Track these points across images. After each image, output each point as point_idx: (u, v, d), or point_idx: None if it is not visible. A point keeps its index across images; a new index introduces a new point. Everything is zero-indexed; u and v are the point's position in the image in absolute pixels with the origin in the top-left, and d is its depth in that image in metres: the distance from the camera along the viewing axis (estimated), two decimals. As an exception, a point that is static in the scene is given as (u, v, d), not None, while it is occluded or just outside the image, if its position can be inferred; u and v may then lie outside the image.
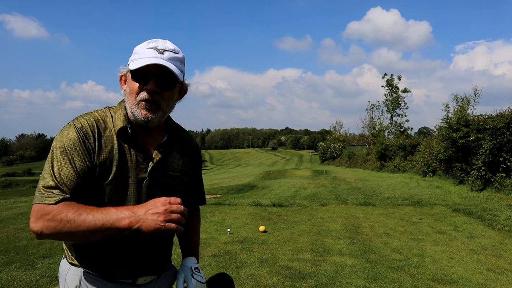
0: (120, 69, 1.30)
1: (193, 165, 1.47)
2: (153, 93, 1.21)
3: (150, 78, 1.20)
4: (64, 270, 1.32)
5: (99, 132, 1.23)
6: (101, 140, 1.22)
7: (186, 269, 1.39)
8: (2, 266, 4.26)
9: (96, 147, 1.21)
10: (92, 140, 1.21)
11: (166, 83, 1.22)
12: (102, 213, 1.09)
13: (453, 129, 13.89)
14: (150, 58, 1.18)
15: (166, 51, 1.21)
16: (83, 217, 1.08)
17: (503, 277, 4.18)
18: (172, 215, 1.06)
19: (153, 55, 1.19)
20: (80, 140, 1.19)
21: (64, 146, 1.18)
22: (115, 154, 1.23)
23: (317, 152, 65.49)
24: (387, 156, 26.11)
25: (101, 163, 1.20)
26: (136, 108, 1.22)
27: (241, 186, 17.38)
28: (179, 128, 1.44)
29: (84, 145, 1.19)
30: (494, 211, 7.98)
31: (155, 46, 1.21)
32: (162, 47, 1.21)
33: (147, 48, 1.21)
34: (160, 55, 1.20)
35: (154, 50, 1.20)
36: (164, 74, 1.21)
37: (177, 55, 1.24)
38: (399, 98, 41.44)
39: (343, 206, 9.16)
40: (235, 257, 4.80)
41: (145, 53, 1.20)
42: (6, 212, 7.66)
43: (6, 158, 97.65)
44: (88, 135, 1.21)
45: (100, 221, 1.07)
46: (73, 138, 1.19)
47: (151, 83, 1.20)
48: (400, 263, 4.60)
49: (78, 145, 1.18)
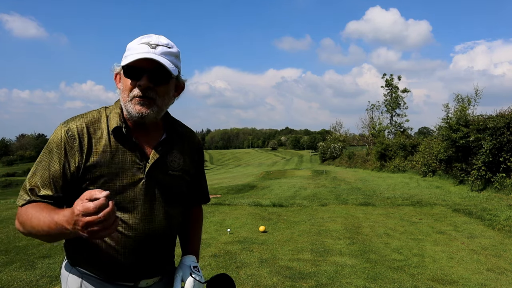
0: (114, 67, 1.28)
1: (195, 163, 1.43)
2: (146, 89, 1.18)
3: (142, 74, 1.17)
4: (65, 273, 1.31)
5: (88, 134, 1.21)
6: (90, 142, 1.21)
7: (185, 267, 1.35)
8: (2, 266, 4.26)
9: (83, 150, 1.19)
10: (77, 143, 1.19)
11: (159, 78, 1.19)
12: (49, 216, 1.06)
13: (453, 129, 13.89)
14: (141, 53, 1.16)
15: (159, 45, 1.18)
16: (33, 220, 1.10)
17: (503, 277, 4.18)
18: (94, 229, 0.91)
19: (145, 50, 1.16)
20: (63, 143, 1.19)
21: (48, 149, 1.20)
22: (107, 155, 1.21)
23: (317, 152, 65.50)
24: (387, 156, 26.10)
25: (89, 165, 1.19)
26: (130, 104, 1.20)
27: (241, 186, 17.38)
28: (178, 124, 1.41)
29: (67, 148, 1.19)
30: (494, 211, 7.98)
31: (148, 41, 1.18)
32: (155, 42, 1.19)
33: (139, 43, 1.19)
34: (152, 49, 1.17)
35: (146, 45, 1.17)
36: (157, 69, 1.18)
37: (171, 49, 1.21)
38: (398, 98, 41.46)
39: (343, 206, 9.16)
40: (235, 257, 4.80)
41: (137, 49, 1.18)
42: (6, 212, 7.67)
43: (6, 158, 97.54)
44: (74, 138, 1.19)
45: (46, 224, 1.06)
46: (57, 141, 1.20)
47: (143, 78, 1.17)
48: (400, 263, 4.60)
49: (61, 148, 1.19)
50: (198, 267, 1.37)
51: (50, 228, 1.05)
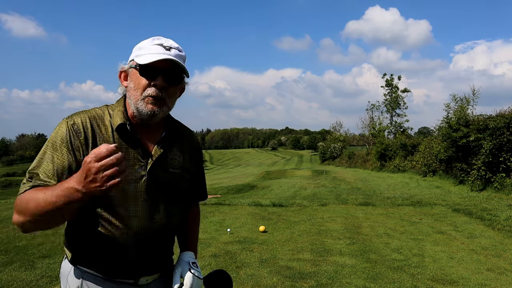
0: (120, 65, 1.29)
1: (194, 161, 1.45)
2: (161, 89, 1.21)
3: (158, 74, 1.20)
4: (65, 271, 1.31)
5: (93, 129, 1.22)
6: (95, 137, 1.22)
7: (184, 263, 1.36)
8: (2, 266, 4.26)
9: (88, 144, 1.20)
10: (83, 137, 1.20)
11: (173, 79, 1.23)
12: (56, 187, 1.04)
13: (453, 129, 13.89)
14: (159, 54, 1.19)
15: (172, 48, 1.22)
16: (38, 197, 1.06)
17: (503, 277, 4.18)
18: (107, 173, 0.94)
19: (161, 51, 1.20)
20: (68, 136, 1.19)
21: (52, 142, 1.19)
22: None
23: (317, 152, 65.49)
24: (387, 156, 26.10)
25: None
26: (142, 102, 1.21)
27: (241, 186, 17.37)
28: (177, 123, 1.43)
29: (72, 142, 1.19)
30: (494, 211, 7.98)
31: (161, 43, 1.22)
32: (167, 44, 1.22)
33: (153, 44, 1.22)
34: (167, 51, 1.20)
35: (161, 47, 1.21)
36: (172, 70, 1.21)
37: (181, 53, 1.25)
38: (399, 98, 41.44)
39: (343, 206, 9.16)
40: (235, 257, 4.80)
41: (152, 49, 1.20)
42: (6, 212, 7.67)
43: (6, 158, 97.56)
44: (79, 132, 1.20)
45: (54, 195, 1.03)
46: (62, 134, 1.20)
47: (159, 78, 1.20)
48: (400, 263, 4.60)
49: (65, 142, 1.19)
50: (197, 263, 1.38)
51: (58, 198, 1.01)
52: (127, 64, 1.26)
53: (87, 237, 1.24)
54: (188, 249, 1.46)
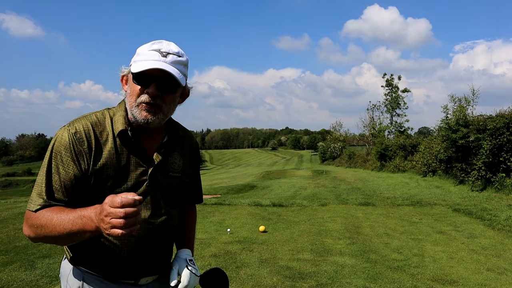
0: (122, 69, 1.28)
1: (193, 164, 1.46)
2: (154, 96, 1.19)
3: (151, 82, 1.18)
4: (66, 271, 1.31)
5: (95, 136, 1.22)
6: (98, 144, 1.21)
7: (181, 260, 1.37)
8: (2, 266, 4.25)
9: (91, 152, 1.20)
10: (86, 145, 1.19)
11: (167, 87, 1.20)
12: (74, 213, 1.09)
13: (452, 130, 13.89)
14: (152, 61, 1.16)
15: (170, 54, 1.19)
16: (55, 221, 1.10)
17: (503, 277, 4.18)
18: (113, 221, 0.97)
19: (156, 58, 1.17)
20: (71, 145, 1.18)
21: (56, 152, 1.19)
22: (113, 157, 1.22)
23: (317, 152, 65.55)
24: (387, 156, 26.11)
25: (98, 168, 1.19)
26: (136, 109, 1.20)
27: (241, 186, 17.37)
28: (178, 126, 1.43)
29: (76, 150, 1.18)
30: (494, 211, 7.98)
31: (158, 48, 1.19)
32: (165, 50, 1.19)
33: (150, 50, 1.19)
34: (163, 58, 1.17)
35: (157, 53, 1.18)
36: (166, 78, 1.18)
37: (181, 58, 1.21)
38: (399, 98, 41.42)
39: (343, 206, 9.16)
40: (235, 257, 4.80)
41: (148, 55, 1.18)
42: (6, 212, 7.66)
43: (6, 158, 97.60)
44: (82, 140, 1.19)
45: (71, 222, 1.08)
46: (65, 144, 1.19)
47: (152, 86, 1.18)
48: (400, 263, 4.60)
49: (69, 151, 1.18)
50: (194, 260, 1.40)
51: (73, 225, 1.07)
52: (127, 69, 1.25)
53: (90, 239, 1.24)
54: (184, 247, 1.47)
